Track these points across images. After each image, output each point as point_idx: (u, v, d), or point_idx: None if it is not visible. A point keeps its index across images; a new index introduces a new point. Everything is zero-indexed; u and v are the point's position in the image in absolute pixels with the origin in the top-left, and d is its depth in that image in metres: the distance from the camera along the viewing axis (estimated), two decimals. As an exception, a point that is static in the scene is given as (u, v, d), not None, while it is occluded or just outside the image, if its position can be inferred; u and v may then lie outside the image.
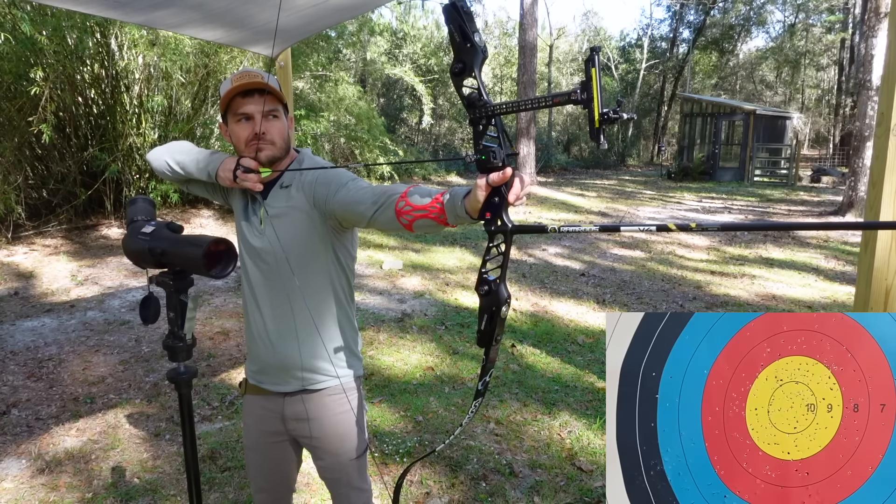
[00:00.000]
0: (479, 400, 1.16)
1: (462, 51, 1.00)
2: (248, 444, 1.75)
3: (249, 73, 1.48)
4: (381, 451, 3.11)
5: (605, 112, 0.90)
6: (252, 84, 1.45)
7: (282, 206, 1.53)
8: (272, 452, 1.71)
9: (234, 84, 1.46)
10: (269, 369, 1.63)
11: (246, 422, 1.73)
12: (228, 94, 1.47)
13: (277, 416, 1.66)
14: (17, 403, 3.69)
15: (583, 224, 1.04)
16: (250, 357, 1.68)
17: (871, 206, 1.50)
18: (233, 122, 1.50)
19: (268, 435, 1.69)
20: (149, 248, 1.32)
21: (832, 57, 34.89)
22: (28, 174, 8.35)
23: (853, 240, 9.10)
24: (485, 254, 1.07)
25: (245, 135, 1.48)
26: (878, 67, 10.52)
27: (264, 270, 1.57)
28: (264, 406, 1.67)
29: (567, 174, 22.76)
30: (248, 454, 1.78)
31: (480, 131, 1.01)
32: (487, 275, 1.08)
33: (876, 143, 1.50)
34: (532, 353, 4.55)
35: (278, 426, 1.67)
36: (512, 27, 27.45)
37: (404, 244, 8.66)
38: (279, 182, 1.56)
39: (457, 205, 1.13)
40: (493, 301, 1.06)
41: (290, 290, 1.54)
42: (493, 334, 1.08)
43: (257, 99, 1.47)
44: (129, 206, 1.48)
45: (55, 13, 7.00)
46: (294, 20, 2.50)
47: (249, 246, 1.58)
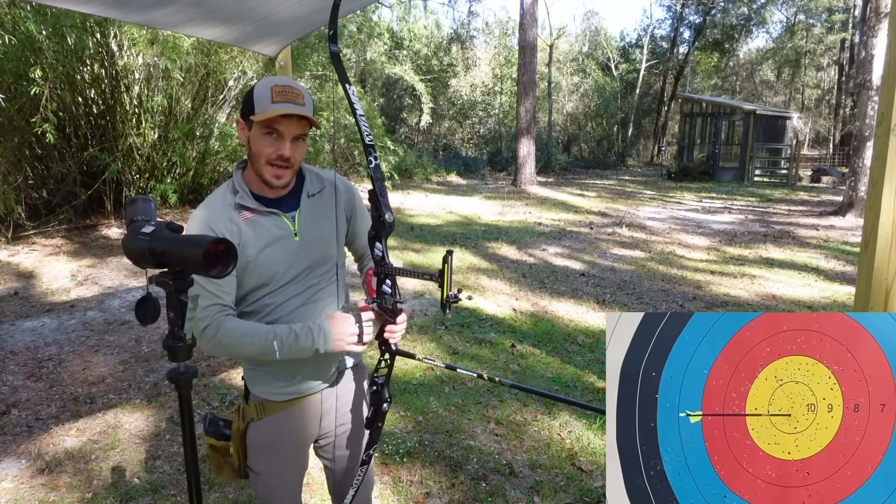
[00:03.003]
0: (365, 468, 1.61)
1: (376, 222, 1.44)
2: (266, 468, 1.62)
3: (292, 90, 1.44)
4: (382, 451, 3.11)
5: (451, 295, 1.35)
6: (294, 112, 1.41)
7: (315, 212, 1.60)
8: (300, 467, 1.71)
9: (274, 99, 1.41)
10: (309, 373, 1.60)
11: (264, 444, 1.61)
12: (268, 114, 1.42)
13: (315, 418, 1.66)
14: (17, 403, 3.69)
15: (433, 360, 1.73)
16: (276, 376, 1.59)
17: (871, 206, 1.50)
18: (260, 132, 1.45)
19: (298, 448, 1.66)
20: (149, 248, 1.32)
21: (832, 57, 34.89)
22: (28, 174, 8.35)
23: (853, 240, 9.10)
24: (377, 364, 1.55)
25: (270, 151, 1.45)
26: (878, 67, 10.52)
27: (301, 282, 1.58)
28: (300, 415, 1.63)
29: (567, 174, 22.76)
30: (266, 478, 1.63)
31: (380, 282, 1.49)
32: (378, 378, 1.53)
33: (876, 143, 1.50)
34: (532, 353, 4.55)
35: (313, 430, 1.67)
36: (512, 27, 27.45)
37: (404, 244, 8.66)
38: (305, 192, 1.59)
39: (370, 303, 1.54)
40: (379, 398, 1.52)
41: (328, 288, 1.64)
42: (375, 421, 1.54)
43: (294, 120, 1.44)
44: (129, 206, 1.47)
45: (54, 13, 7.00)
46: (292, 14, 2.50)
47: (286, 266, 1.54)
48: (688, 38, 33.52)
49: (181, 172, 9.80)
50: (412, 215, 11.54)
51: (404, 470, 2.97)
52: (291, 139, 1.46)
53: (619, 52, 34.61)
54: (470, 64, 24.58)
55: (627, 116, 29.74)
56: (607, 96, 28.31)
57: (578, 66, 29.42)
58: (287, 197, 1.57)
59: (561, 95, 28.06)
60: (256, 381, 1.62)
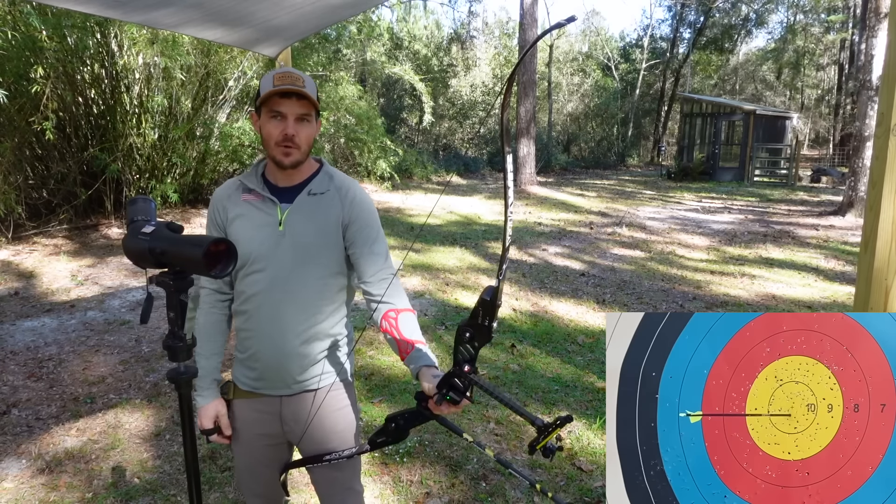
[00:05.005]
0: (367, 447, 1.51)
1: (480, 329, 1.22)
2: (239, 449, 1.70)
3: (291, 74, 1.51)
4: (381, 451, 3.11)
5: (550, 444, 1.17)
6: (291, 89, 1.49)
7: (311, 211, 1.58)
8: (268, 455, 1.69)
9: (275, 84, 1.49)
10: (269, 375, 1.61)
11: (235, 426, 1.68)
12: (268, 94, 1.50)
13: (275, 418, 1.65)
14: (17, 403, 3.69)
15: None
16: (244, 364, 1.65)
17: (871, 207, 1.50)
18: (266, 116, 1.53)
19: (263, 438, 1.67)
20: (149, 248, 1.32)
21: (832, 57, 34.88)
22: (28, 174, 8.36)
23: (853, 240, 9.10)
24: (412, 411, 1.41)
25: (276, 133, 1.52)
26: (878, 67, 10.52)
27: (275, 275, 1.56)
28: (260, 409, 1.65)
29: (567, 174, 22.75)
30: (239, 460, 1.73)
31: (454, 383, 1.28)
32: (399, 419, 1.43)
33: (876, 143, 1.49)
34: (532, 353, 4.55)
35: (275, 428, 1.66)
36: (512, 27, 27.44)
37: (404, 244, 8.66)
38: (307, 189, 1.59)
39: (410, 367, 1.44)
40: (395, 434, 1.45)
41: (304, 293, 1.58)
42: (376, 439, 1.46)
43: (294, 101, 1.51)
44: (129, 205, 1.47)
45: (55, 12, 7.00)
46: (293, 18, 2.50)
47: (261, 252, 1.56)
48: (688, 37, 33.52)
49: (181, 172, 9.80)
50: (412, 215, 11.54)
51: (404, 470, 2.97)
52: (295, 119, 1.52)
53: (619, 52, 34.61)
54: (470, 64, 24.56)
55: (627, 116, 29.73)
56: (607, 96, 28.30)
57: (578, 66, 29.42)
58: (292, 189, 1.59)
59: (561, 95, 28.05)
60: (234, 362, 1.70)
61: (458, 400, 1.27)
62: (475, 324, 1.21)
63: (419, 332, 1.51)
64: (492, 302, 1.17)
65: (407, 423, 1.43)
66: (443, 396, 1.29)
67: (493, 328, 1.20)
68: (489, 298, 1.18)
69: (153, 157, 9.07)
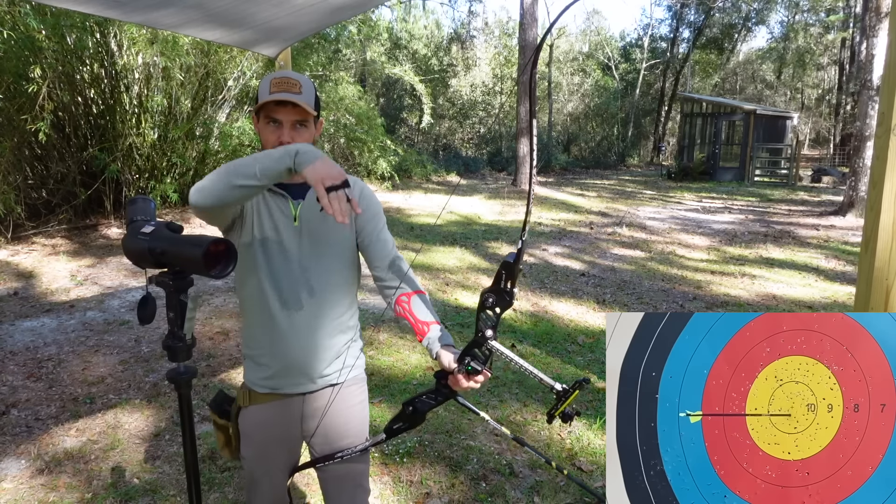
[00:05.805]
0: (383, 436, 1.57)
1: (501, 295, 1.26)
2: (254, 457, 1.66)
3: (288, 80, 1.50)
4: (382, 451, 3.11)
5: (568, 409, 1.31)
6: (285, 99, 1.47)
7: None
8: (283, 460, 1.67)
9: (272, 91, 1.48)
10: (290, 371, 1.59)
11: (248, 432, 1.64)
12: (264, 102, 1.49)
13: (296, 419, 1.64)
14: (16, 403, 3.68)
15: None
16: (257, 364, 1.62)
17: (871, 206, 1.50)
18: (263, 122, 1.53)
19: (280, 441, 1.65)
20: (148, 248, 1.32)
21: (832, 57, 34.88)
22: (28, 174, 8.35)
23: (853, 240, 9.10)
24: (431, 392, 1.48)
25: (272, 139, 1.51)
26: (878, 67, 10.52)
27: (297, 269, 1.56)
28: (281, 413, 1.63)
29: (567, 174, 22.74)
30: (254, 467, 1.67)
31: (475, 353, 1.33)
32: (422, 401, 1.50)
33: (876, 143, 1.49)
34: (532, 353, 4.55)
35: (294, 429, 1.65)
36: (512, 27, 27.43)
37: (404, 244, 8.66)
38: None
39: (430, 349, 1.48)
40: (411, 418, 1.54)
41: (327, 286, 1.59)
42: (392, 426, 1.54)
43: (290, 108, 1.50)
44: (129, 205, 1.48)
45: (54, 12, 7.00)
46: (293, 19, 2.50)
47: (276, 245, 1.55)
48: (688, 37, 33.53)
49: (181, 172, 9.80)
50: (412, 215, 11.54)
51: (404, 470, 2.97)
52: (290, 126, 1.51)
53: (620, 51, 34.60)
54: (470, 64, 24.56)
55: (627, 116, 29.73)
56: (607, 96, 28.30)
57: (579, 65, 29.41)
58: (302, 185, 1.58)
59: (561, 95, 28.05)
60: (246, 368, 1.67)
61: (479, 369, 1.32)
62: (497, 289, 1.25)
63: (433, 313, 1.54)
64: (515, 264, 1.22)
65: (425, 403, 1.46)
66: (464, 367, 1.33)
67: (514, 294, 1.25)
68: (512, 261, 1.23)
69: (153, 157, 9.06)
